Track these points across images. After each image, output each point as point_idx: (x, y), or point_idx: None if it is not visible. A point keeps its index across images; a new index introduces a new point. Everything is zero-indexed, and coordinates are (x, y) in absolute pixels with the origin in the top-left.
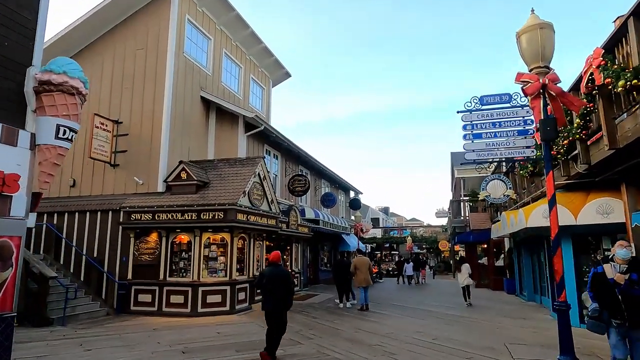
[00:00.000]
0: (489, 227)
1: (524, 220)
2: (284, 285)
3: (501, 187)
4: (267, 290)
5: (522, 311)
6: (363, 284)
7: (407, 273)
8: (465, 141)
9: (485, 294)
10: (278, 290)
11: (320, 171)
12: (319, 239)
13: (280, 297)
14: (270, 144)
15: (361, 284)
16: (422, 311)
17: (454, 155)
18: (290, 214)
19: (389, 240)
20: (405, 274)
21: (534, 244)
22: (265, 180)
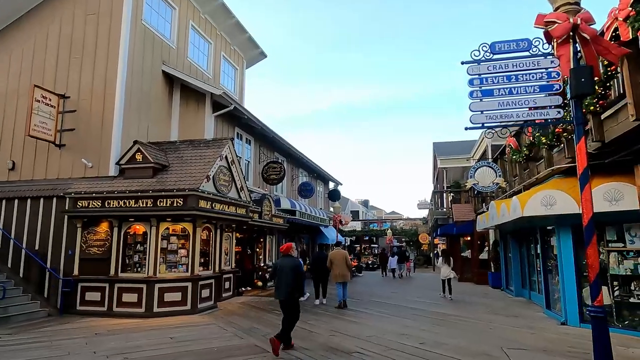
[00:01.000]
0: (473, 219)
1: (519, 209)
2: (294, 274)
3: (490, 174)
4: (280, 280)
5: (512, 308)
6: (339, 279)
7: (392, 266)
8: (472, 100)
9: (469, 288)
10: (289, 279)
11: (297, 159)
12: (296, 231)
13: (292, 286)
14: (242, 127)
15: (337, 280)
16: (405, 309)
17: (437, 146)
18: (264, 204)
19: (369, 233)
20: (389, 267)
21: (523, 236)
22: (233, 165)
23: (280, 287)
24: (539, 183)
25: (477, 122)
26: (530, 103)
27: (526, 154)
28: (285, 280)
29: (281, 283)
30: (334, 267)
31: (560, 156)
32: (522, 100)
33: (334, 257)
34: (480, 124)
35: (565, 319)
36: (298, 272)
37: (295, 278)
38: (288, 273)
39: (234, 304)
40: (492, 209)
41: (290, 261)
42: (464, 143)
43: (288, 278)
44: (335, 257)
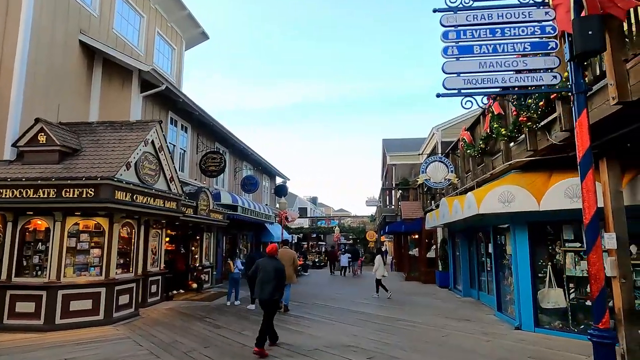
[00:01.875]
0: (421, 217)
1: (475, 205)
2: (276, 275)
3: (442, 170)
4: (262, 280)
5: (463, 310)
6: (287, 281)
7: (342, 264)
8: (447, 58)
9: (416, 287)
10: (271, 280)
11: (241, 151)
12: (238, 228)
13: (272, 287)
14: (177, 112)
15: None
16: (352, 313)
17: (386, 142)
18: (200, 197)
19: (317, 230)
20: (340, 265)
21: (473, 234)
22: (162, 152)
23: (262, 288)
24: (495, 179)
25: (453, 87)
26: (519, 65)
27: (482, 147)
28: (267, 281)
29: (263, 283)
30: None
31: (520, 149)
32: (508, 61)
33: (280, 256)
34: (455, 90)
35: (520, 323)
36: (280, 274)
37: (276, 279)
38: (271, 273)
39: (161, 311)
40: (444, 207)
41: (273, 263)
42: (414, 140)
43: (270, 278)
44: (281, 257)
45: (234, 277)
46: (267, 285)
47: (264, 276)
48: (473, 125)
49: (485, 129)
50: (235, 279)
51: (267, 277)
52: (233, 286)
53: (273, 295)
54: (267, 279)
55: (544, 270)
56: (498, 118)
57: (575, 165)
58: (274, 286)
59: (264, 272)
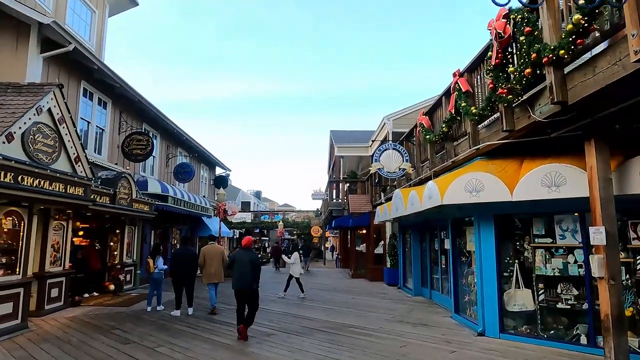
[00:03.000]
0: (370, 211)
1: (438, 195)
2: (252, 266)
3: (397, 158)
4: (237, 272)
5: (417, 312)
6: (214, 279)
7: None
8: None
9: (364, 286)
10: (247, 271)
11: (175, 136)
12: (170, 221)
13: (250, 277)
14: (94, 83)
15: (212, 280)
16: (295, 319)
17: (335, 134)
18: (120, 185)
19: (260, 225)
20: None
21: (426, 229)
22: (65, 125)
23: (239, 279)
24: (456, 167)
25: None
26: None
27: (444, 131)
28: (244, 272)
29: (240, 274)
30: (208, 265)
31: (491, 132)
32: None
33: (209, 253)
34: None
35: (483, 329)
36: (256, 265)
37: (253, 270)
38: (247, 265)
39: (60, 321)
40: (397, 199)
41: (249, 254)
42: (363, 132)
43: (247, 270)
44: (210, 253)
45: (154, 278)
46: (245, 276)
47: (241, 268)
48: (433, 108)
49: (450, 109)
50: (157, 280)
51: (244, 268)
52: (154, 288)
53: (252, 285)
54: (244, 270)
55: (511, 269)
56: (466, 96)
57: (555, 150)
58: (251, 276)
59: (241, 264)
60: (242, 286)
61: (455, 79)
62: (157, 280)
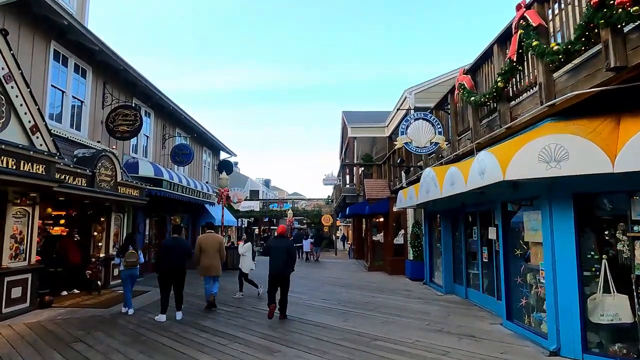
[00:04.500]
0: (388, 196)
1: (497, 169)
2: (288, 253)
3: (428, 131)
4: (273, 258)
5: (456, 317)
6: (211, 272)
7: (305, 249)
8: None
9: (383, 280)
10: (282, 258)
11: (172, 115)
12: (169, 209)
13: (284, 264)
14: (69, 46)
15: (207, 273)
16: (304, 325)
17: (347, 115)
18: (100, 164)
19: (269, 213)
20: (302, 250)
21: (459, 216)
22: (12, 85)
23: (274, 264)
24: (512, 135)
25: None
26: None
27: (497, 88)
28: (279, 258)
29: (275, 260)
30: (204, 256)
31: (576, 79)
32: None
33: (205, 243)
34: None
35: (558, 346)
36: (291, 252)
37: (288, 257)
38: (282, 252)
39: (16, 329)
40: (428, 180)
41: (284, 242)
42: (378, 113)
43: (282, 256)
44: (206, 243)
45: (134, 275)
46: (280, 262)
47: (277, 254)
48: (479, 63)
49: (511, 55)
50: (135, 277)
51: (280, 255)
52: (130, 286)
53: (285, 270)
54: (279, 256)
55: (596, 267)
56: (537, 34)
57: None
58: (286, 263)
59: (276, 251)
60: (276, 271)
61: (520, 12)
62: (134, 276)
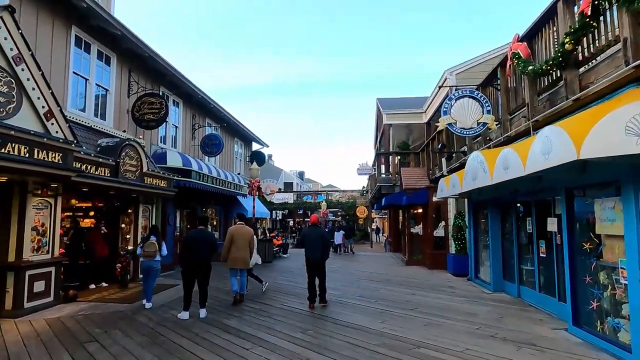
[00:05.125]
0: (428, 186)
1: (569, 146)
2: (322, 242)
3: (474, 110)
4: (309, 246)
5: (510, 319)
6: (239, 264)
7: (337, 242)
8: None
9: (423, 275)
10: (318, 246)
11: (202, 105)
12: (200, 201)
13: (320, 252)
14: (92, 32)
15: (236, 265)
16: (336, 327)
17: (382, 101)
18: (124, 154)
19: (302, 205)
20: (335, 242)
21: (509, 205)
22: (23, 67)
23: (310, 252)
24: (581, 109)
25: None
26: None
27: (564, 52)
28: (314, 247)
29: (311, 249)
30: (234, 247)
31: None
32: None
33: (236, 234)
34: None
35: None
36: (325, 240)
37: (323, 245)
38: (317, 241)
39: (35, 325)
40: (476, 165)
41: (318, 231)
42: (415, 99)
43: (318, 245)
44: (238, 235)
45: (153, 267)
46: (315, 250)
47: (312, 243)
48: (538, 25)
49: (583, 9)
50: (155, 269)
51: (315, 243)
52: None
53: (322, 258)
54: (314, 244)
55: None
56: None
57: None
58: (321, 251)
59: (311, 239)
60: (313, 260)
61: None
62: (155, 269)
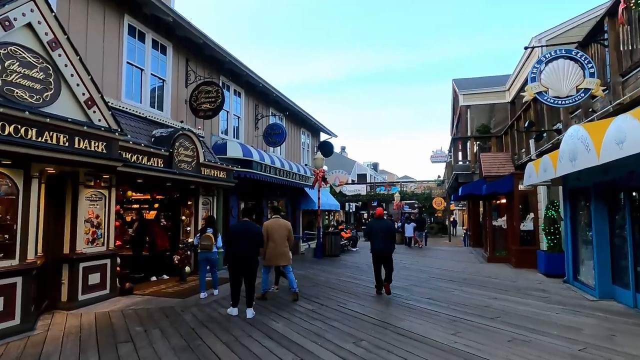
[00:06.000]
0: (512, 172)
1: None
2: (390, 233)
3: (573, 73)
4: (375, 238)
5: (625, 338)
6: (279, 261)
7: (407, 234)
8: None
9: (508, 275)
10: (384, 238)
11: (264, 94)
12: (265, 193)
13: (386, 243)
14: (147, 22)
15: (275, 262)
16: (396, 338)
17: (458, 82)
18: (177, 144)
19: (375, 197)
20: (405, 235)
21: (616, 193)
22: (60, 52)
23: (377, 244)
24: None
25: None
26: None
27: None
28: (381, 238)
29: (377, 241)
30: (271, 243)
31: None
32: None
33: (271, 228)
34: None
35: None
36: (391, 232)
37: (389, 236)
38: (383, 232)
39: (84, 318)
40: (575, 143)
41: (384, 223)
42: (495, 78)
43: (384, 236)
44: (273, 229)
45: (210, 259)
46: (382, 242)
47: (378, 235)
48: None
49: None
50: (212, 260)
51: (381, 235)
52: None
53: (388, 250)
54: (381, 236)
55: None
56: None
57: None
58: (386, 242)
59: (377, 231)
60: (379, 251)
61: None
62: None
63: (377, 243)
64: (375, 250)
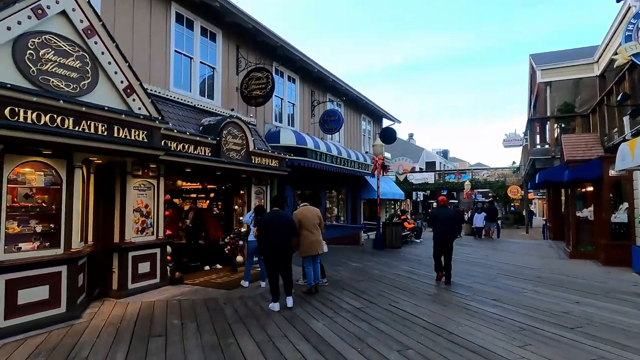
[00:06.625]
0: (601, 156)
1: None
2: (453, 221)
3: None
4: (439, 226)
5: None
6: (311, 252)
7: (477, 225)
8: None
9: (594, 274)
10: (447, 226)
11: (321, 80)
12: (323, 182)
13: (448, 231)
14: (196, 10)
15: (313, 252)
16: (453, 350)
17: (536, 57)
18: (225, 132)
19: (444, 186)
20: (474, 225)
21: None
22: (96, 41)
23: (439, 233)
24: None
25: None
26: None
27: None
28: (444, 227)
29: (440, 229)
30: (305, 233)
31: None
32: None
33: (303, 218)
34: None
35: None
36: (456, 219)
37: (452, 225)
38: (446, 221)
39: (129, 308)
40: None
41: (447, 211)
42: (579, 50)
43: (447, 225)
44: (304, 217)
45: (255, 247)
46: (445, 230)
47: (442, 223)
48: None
49: None
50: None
51: (444, 223)
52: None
53: (449, 238)
54: (444, 225)
55: None
56: None
57: None
58: (450, 231)
59: (441, 220)
60: (441, 239)
61: None
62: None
63: (440, 232)
64: (438, 238)
